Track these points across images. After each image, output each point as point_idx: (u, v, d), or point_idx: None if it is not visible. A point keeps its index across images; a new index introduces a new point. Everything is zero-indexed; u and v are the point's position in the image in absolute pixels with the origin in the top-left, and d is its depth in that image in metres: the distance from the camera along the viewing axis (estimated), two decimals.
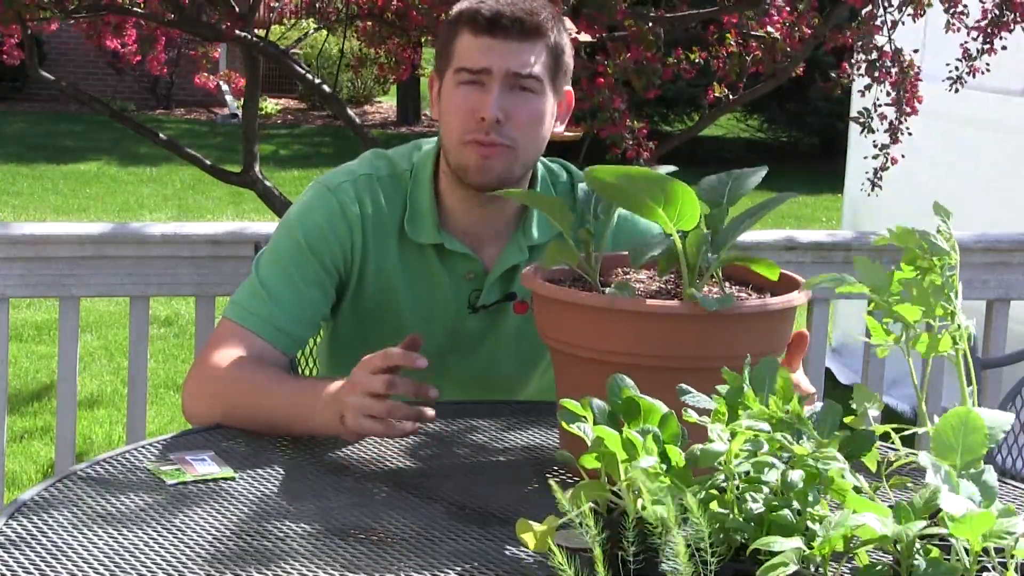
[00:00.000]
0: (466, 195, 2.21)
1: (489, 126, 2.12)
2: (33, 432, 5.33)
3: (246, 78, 4.43)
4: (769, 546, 1.30)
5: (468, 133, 2.14)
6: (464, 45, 2.14)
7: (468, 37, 2.14)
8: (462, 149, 2.15)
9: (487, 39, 2.12)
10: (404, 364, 1.91)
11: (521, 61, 2.13)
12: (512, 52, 2.12)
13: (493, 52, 2.12)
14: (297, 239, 2.20)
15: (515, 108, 2.13)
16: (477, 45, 2.13)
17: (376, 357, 1.92)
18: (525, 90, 2.14)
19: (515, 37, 2.12)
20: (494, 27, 2.12)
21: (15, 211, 10.00)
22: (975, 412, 1.41)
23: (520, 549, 1.61)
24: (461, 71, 2.14)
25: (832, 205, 11.22)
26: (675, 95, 11.89)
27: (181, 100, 16.11)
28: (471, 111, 2.13)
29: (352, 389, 1.92)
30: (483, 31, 2.12)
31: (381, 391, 1.89)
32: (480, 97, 2.13)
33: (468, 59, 2.13)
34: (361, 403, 1.90)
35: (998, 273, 3.59)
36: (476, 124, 2.13)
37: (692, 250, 1.78)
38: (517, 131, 2.14)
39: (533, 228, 2.26)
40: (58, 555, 1.56)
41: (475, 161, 2.14)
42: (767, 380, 1.54)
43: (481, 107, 2.12)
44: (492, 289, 2.26)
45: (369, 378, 1.90)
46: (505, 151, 2.14)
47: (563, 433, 1.83)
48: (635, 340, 1.76)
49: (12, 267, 3.10)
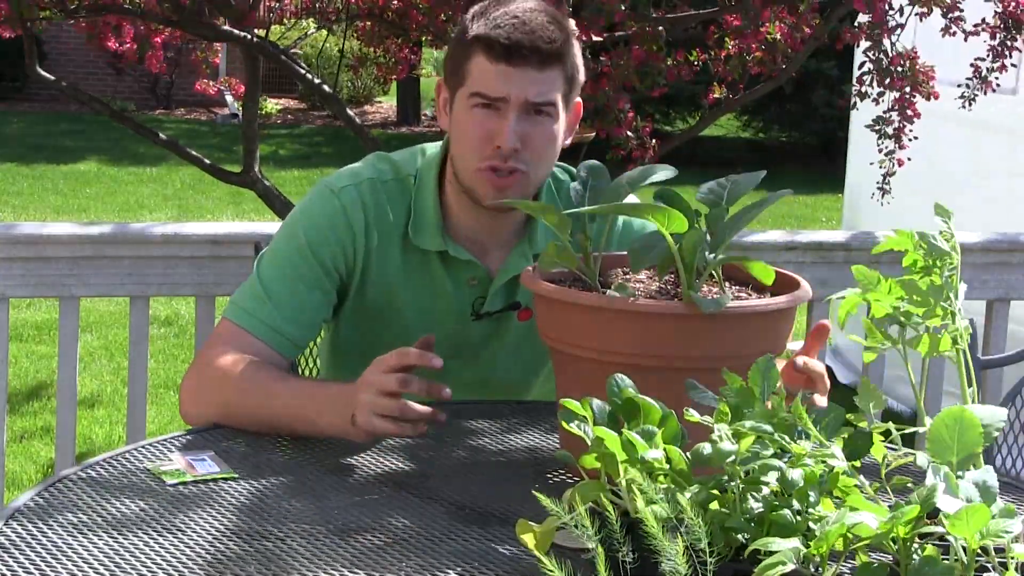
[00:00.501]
0: (472, 206, 2.20)
1: (507, 154, 2.11)
2: (33, 432, 5.33)
3: (246, 78, 4.43)
4: (767, 547, 1.30)
5: (484, 160, 2.11)
6: (480, 68, 2.10)
7: (484, 61, 2.09)
8: (476, 175, 2.13)
9: (504, 67, 2.08)
10: (420, 364, 1.91)
11: (538, 90, 2.10)
12: (530, 81, 2.09)
13: (511, 81, 2.08)
14: (299, 241, 2.19)
15: (531, 134, 2.11)
16: (494, 72, 2.09)
17: (391, 356, 1.92)
18: (541, 115, 2.12)
19: (533, 66, 2.08)
20: (511, 56, 2.08)
21: (15, 211, 10.00)
22: (969, 410, 1.41)
23: (520, 549, 1.61)
24: (476, 96, 2.11)
25: (832, 205, 11.22)
26: (676, 93, 11.89)
27: (181, 100, 16.10)
28: (487, 138, 2.10)
29: (365, 387, 1.91)
30: (500, 59, 2.08)
31: (395, 389, 1.89)
32: (496, 124, 2.10)
33: (484, 85, 2.10)
34: (374, 401, 1.90)
35: (998, 273, 3.59)
36: (492, 151, 2.11)
37: (689, 251, 1.78)
38: (533, 156, 2.12)
39: (538, 236, 2.24)
40: (58, 555, 1.57)
41: (490, 190, 2.13)
42: (766, 378, 1.54)
43: (498, 135, 2.09)
44: (496, 296, 2.25)
45: (383, 376, 1.90)
46: (521, 177, 2.13)
47: (563, 433, 1.83)
48: (635, 340, 1.76)
49: (12, 267, 3.10)
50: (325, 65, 13.50)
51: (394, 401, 1.90)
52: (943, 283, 1.56)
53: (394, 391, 1.89)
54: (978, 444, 1.40)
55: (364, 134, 4.28)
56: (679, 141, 4.23)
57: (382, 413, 1.90)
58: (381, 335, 2.25)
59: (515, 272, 2.22)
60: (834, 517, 1.32)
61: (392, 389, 1.89)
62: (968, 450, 1.39)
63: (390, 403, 1.90)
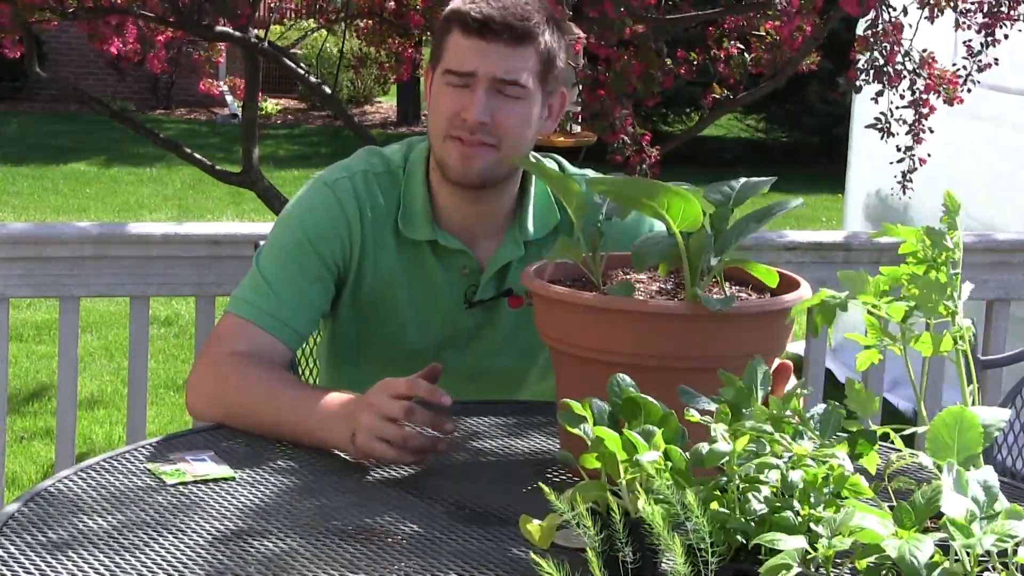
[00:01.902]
0: (456, 191, 2.22)
1: (473, 127, 2.13)
2: (33, 432, 5.33)
3: (246, 78, 4.43)
4: (772, 543, 1.30)
5: (452, 130, 2.15)
6: (453, 45, 2.14)
7: (458, 37, 2.13)
8: (444, 144, 2.17)
9: (476, 41, 2.12)
10: (430, 399, 1.89)
11: (508, 67, 2.12)
12: (500, 57, 2.12)
13: (480, 56, 2.12)
14: (297, 235, 2.20)
15: (500, 111, 2.14)
16: (466, 47, 2.12)
17: (401, 384, 1.89)
18: (511, 94, 2.14)
19: (504, 42, 2.11)
20: (483, 30, 2.11)
21: (15, 211, 10.00)
22: (969, 410, 1.41)
23: (520, 549, 1.61)
24: (448, 72, 2.14)
25: (832, 205, 11.22)
26: (675, 93, 11.88)
27: (181, 100, 16.10)
28: (455, 111, 2.14)
29: (368, 408, 1.88)
30: (472, 33, 2.12)
31: (399, 417, 1.87)
32: (465, 98, 2.13)
33: (455, 60, 2.13)
34: (377, 425, 1.87)
35: (998, 273, 3.59)
36: (460, 123, 2.14)
37: (695, 252, 1.78)
38: (501, 133, 2.15)
39: (528, 223, 2.26)
40: (58, 555, 1.56)
41: (455, 158, 2.16)
42: (761, 379, 1.54)
43: (465, 109, 2.12)
44: (488, 285, 2.27)
45: (389, 402, 1.87)
46: (488, 149, 2.15)
47: (563, 433, 1.83)
48: (635, 340, 1.76)
49: (12, 267, 3.10)
50: (325, 65, 13.50)
51: (398, 429, 1.87)
52: (948, 279, 1.55)
53: (398, 418, 1.87)
54: (978, 444, 1.39)
55: (364, 134, 4.28)
56: (679, 141, 4.24)
57: (384, 438, 1.87)
58: (378, 329, 2.26)
59: (506, 260, 2.25)
60: (841, 517, 1.32)
61: (397, 416, 1.86)
62: (968, 450, 1.39)
63: (394, 430, 1.87)
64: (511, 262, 2.25)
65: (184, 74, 15.05)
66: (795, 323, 1.76)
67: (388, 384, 1.91)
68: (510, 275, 2.25)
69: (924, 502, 1.32)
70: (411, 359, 2.20)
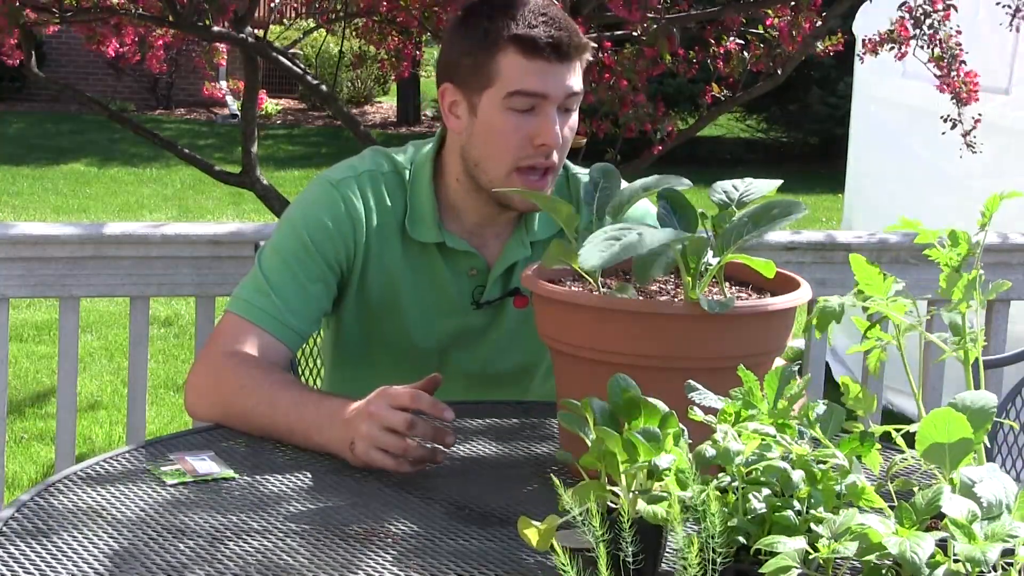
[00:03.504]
0: (479, 201, 2.21)
1: (554, 150, 2.13)
2: (33, 433, 5.33)
3: (245, 79, 4.43)
4: (773, 546, 1.30)
5: (525, 159, 2.13)
6: (514, 67, 2.11)
7: (518, 59, 2.10)
8: (514, 177, 2.14)
9: (543, 63, 2.10)
10: (432, 414, 1.87)
11: (572, 83, 2.13)
12: (567, 75, 2.12)
13: (551, 77, 2.11)
14: (300, 234, 2.20)
15: (565, 128, 2.14)
16: (532, 69, 2.10)
17: (404, 395, 1.86)
18: (571, 108, 2.15)
19: (568, 60, 2.12)
20: (551, 52, 2.10)
21: (15, 211, 10.00)
22: (956, 413, 1.40)
23: (520, 549, 1.61)
24: (516, 95, 2.11)
25: (832, 205, 11.22)
26: (675, 91, 11.89)
27: (181, 100, 16.11)
28: (528, 137, 2.12)
29: (369, 418, 1.86)
30: (539, 56, 2.10)
31: (401, 429, 1.84)
32: (538, 122, 2.11)
33: (523, 83, 2.11)
34: (376, 435, 1.85)
35: (998, 273, 3.59)
36: (535, 150, 2.12)
37: (694, 256, 1.78)
38: (565, 149, 2.16)
39: (535, 224, 2.27)
40: (58, 555, 1.56)
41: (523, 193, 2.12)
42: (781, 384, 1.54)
43: (542, 134, 2.11)
44: (495, 285, 2.27)
45: (390, 412, 1.85)
46: (553, 175, 2.16)
47: (563, 433, 1.83)
48: (635, 340, 1.76)
49: (12, 267, 3.10)
50: (325, 65, 13.50)
51: (398, 440, 1.85)
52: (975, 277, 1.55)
53: (399, 430, 1.85)
54: (971, 445, 1.39)
55: (363, 134, 4.28)
56: (679, 140, 4.23)
57: (383, 448, 1.86)
58: (383, 328, 2.26)
59: (513, 260, 2.25)
60: (842, 519, 1.32)
61: (398, 428, 1.84)
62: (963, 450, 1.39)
63: (393, 441, 1.85)
64: (517, 262, 2.25)
65: (183, 74, 15.09)
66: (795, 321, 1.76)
67: (389, 394, 1.88)
68: (516, 275, 2.25)
69: (925, 503, 1.32)
70: (417, 360, 2.20)
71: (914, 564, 1.24)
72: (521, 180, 2.14)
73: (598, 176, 1.98)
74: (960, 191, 5.37)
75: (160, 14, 3.94)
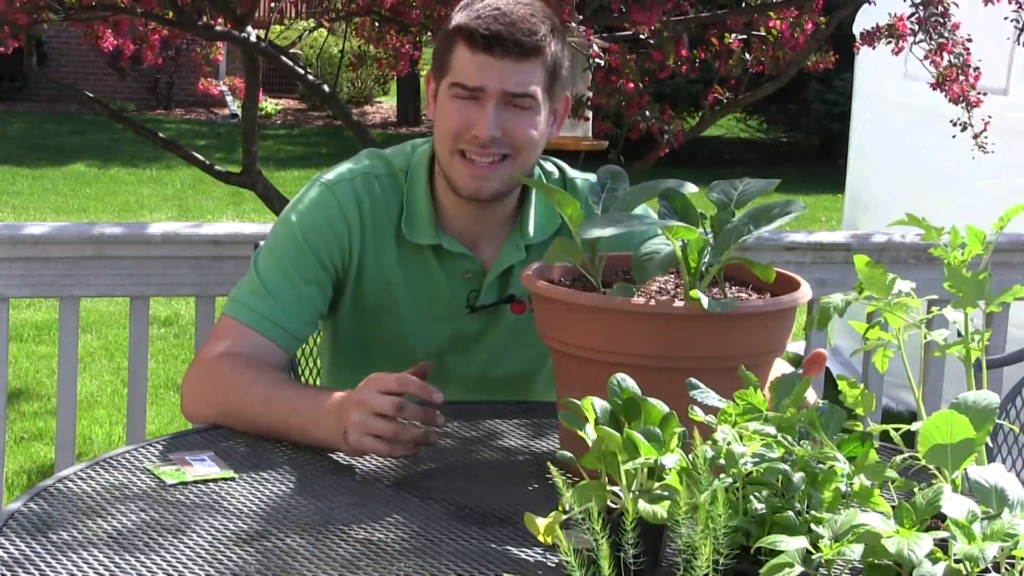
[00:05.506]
0: (461, 200, 2.21)
1: (484, 143, 2.12)
2: (33, 433, 5.33)
3: (245, 78, 4.43)
4: (774, 545, 1.30)
5: (459, 143, 2.14)
6: (460, 59, 2.12)
7: (464, 51, 2.12)
8: (452, 159, 2.16)
9: (484, 57, 2.10)
10: (420, 396, 1.89)
11: (517, 81, 2.11)
12: (509, 72, 2.11)
13: (490, 71, 2.10)
14: (296, 237, 2.20)
15: (510, 124, 2.13)
16: (473, 62, 2.11)
17: (391, 380, 1.89)
18: (521, 106, 2.13)
19: (513, 57, 2.10)
20: (492, 46, 2.09)
21: (15, 211, 10.00)
22: (958, 415, 1.40)
23: (521, 549, 1.61)
24: (456, 86, 2.13)
25: (832, 205, 11.23)
26: (675, 91, 11.89)
27: (181, 100, 16.11)
28: (464, 126, 2.13)
29: (358, 406, 1.88)
30: (480, 49, 2.10)
31: (389, 413, 1.86)
32: (475, 113, 2.12)
33: (464, 75, 2.12)
34: (367, 422, 1.87)
35: (998, 273, 3.58)
36: (469, 138, 2.13)
37: (693, 256, 1.78)
38: (514, 144, 2.14)
39: (530, 227, 2.26)
40: (58, 555, 1.56)
41: (465, 176, 2.15)
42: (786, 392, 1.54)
43: (475, 125, 2.12)
44: (490, 289, 2.26)
45: (379, 398, 1.87)
46: (500, 165, 2.15)
47: (563, 433, 1.83)
48: (635, 340, 1.76)
49: (12, 267, 3.10)
50: (325, 65, 13.51)
51: (388, 424, 1.87)
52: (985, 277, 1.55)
53: (388, 414, 1.87)
54: (972, 445, 1.39)
55: (364, 134, 4.28)
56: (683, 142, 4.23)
57: (374, 434, 1.87)
58: (379, 331, 2.26)
59: (508, 264, 2.25)
60: (843, 519, 1.32)
61: (387, 412, 1.86)
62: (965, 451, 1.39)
63: (384, 425, 1.87)
64: (513, 266, 2.25)
65: (184, 74, 15.09)
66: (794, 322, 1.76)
67: (377, 380, 1.90)
68: (512, 279, 2.25)
69: (925, 503, 1.32)
70: (414, 363, 2.20)
71: (911, 563, 1.24)
72: (460, 163, 2.15)
73: (605, 177, 1.98)
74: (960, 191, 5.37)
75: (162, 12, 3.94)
